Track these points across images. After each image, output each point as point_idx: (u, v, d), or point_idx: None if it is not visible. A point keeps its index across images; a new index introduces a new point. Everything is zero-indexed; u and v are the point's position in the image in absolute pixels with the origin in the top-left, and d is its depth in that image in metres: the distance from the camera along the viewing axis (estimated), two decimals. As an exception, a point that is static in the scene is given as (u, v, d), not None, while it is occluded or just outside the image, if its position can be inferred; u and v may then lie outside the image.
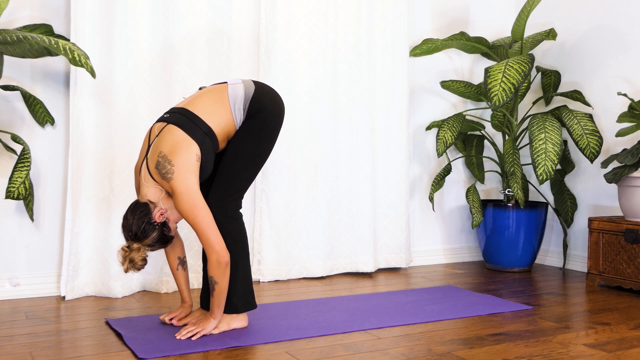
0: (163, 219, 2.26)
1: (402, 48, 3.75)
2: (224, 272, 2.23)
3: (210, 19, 3.22)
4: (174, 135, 2.24)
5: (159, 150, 2.24)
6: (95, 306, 2.82)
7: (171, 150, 2.22)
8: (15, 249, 2.98)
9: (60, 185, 3.07)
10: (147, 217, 2.23)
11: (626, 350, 2.20)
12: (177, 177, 2.19)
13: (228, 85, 2.38)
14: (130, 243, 2.24)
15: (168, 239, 2.30)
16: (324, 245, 3.53)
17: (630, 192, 3.19)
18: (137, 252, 2.23)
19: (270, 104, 2.38)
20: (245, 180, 2.38)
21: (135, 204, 2.27)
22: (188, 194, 2.19)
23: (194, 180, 2.22)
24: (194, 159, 2.23)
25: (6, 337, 2.31)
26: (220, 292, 2.26)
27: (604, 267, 3.29)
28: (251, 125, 2.35)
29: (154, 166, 2.24)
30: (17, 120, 2.97)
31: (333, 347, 2.22)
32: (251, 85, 2.38)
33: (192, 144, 2.23)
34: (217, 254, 2.21)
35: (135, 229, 2.22)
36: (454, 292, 3.12)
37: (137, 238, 2.23)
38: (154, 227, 2.24)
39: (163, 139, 2.25)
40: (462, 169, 4.16)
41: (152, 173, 2.25)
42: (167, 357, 2.08)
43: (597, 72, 3.73)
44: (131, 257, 2.22)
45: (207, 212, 2.21)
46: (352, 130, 3.61)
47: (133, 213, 2.23)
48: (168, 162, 2.21)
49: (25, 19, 2.96)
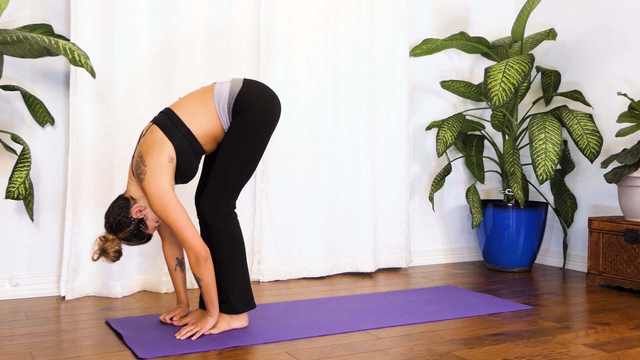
0: (140, 215, 2.30)
1: (402, 48, 3.75)
2: (204, 267, 2.25)
3: (210, 18, 3.22)
4: (153, 135, 2.29)
5: (139, 150, 2.31)
6: (95, 306, 2.82)
7: (146, 150, 2.27)
8: (15, 249, 2.98)
9: (60, 185, 3.07)
10: (125, 211, 2.28)
11: (626, 350, 2.20)
12: (147, 178, 2.24)
13: (215, 85, 2.37)
14: (107, 234, 2.31)
15: (144, 235, 2.34)
16: (324, 245, 3.53)
17: (630, 192, 3.19)
18: (112, 244, 2.29)
19: (259, 101, 2.32)
20: (237, 180, 2.34)
21: (117, 198, 2.34)
22: (158, 194, 2.23)
23: (164, 181, 2.24)
24: (165, 159, 2.26)
25: (6, 337, 2.31)
26: (207, 287, 2.28)
27: (604, 267, 3.29)
28: (239, 125, 2.32)
29: (134, 165, 2.30)
30: (17, 120, 2.97)
31: (333, 347, 2.22)
32: (238, 84, 2.35)
33: (166, 144, 2.26)
34: (193, 251, 2.24)
35: (112, 221, 2.29)
36: (454, 292, 3.12)
37: (113, 230, 2.30)
38: (129, 222, 2.29)
39: (145, 139, 2.32)
40: (462, 169, 4.16)
41: (133, 172, 2.32)
42: (167, 357, 2.08)
43: (597, 72, 3.73)
44: (104, 247, 2.29)
45: (179, 210, 2.24)
46: (352, 130, 3.61)
47: (113, 206, 2.31)
48: (142, 162, 2.26)
49: (25, 19, 2.96)
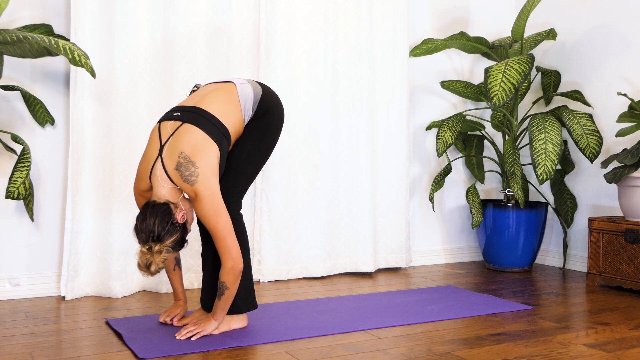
0: (184, 220, 2.18)
1: (402, 48, 3.74)
2: (237, 278, 2.21)
3: (210, 18, 3.22)
4: (193, 134, 2.15)
5: (179, 151, 2.13)
6: (95, 306, 2.82)
7: (193, 151, 2.12)
8: (15, 249, 2.98)
9: (60, 185, 3.07)
10: (170, 217, 2.12)
11: (626, 350, 2.20)
12: (201, 181, 2.11)
13: (236, 85, 2.33)
14: (151, 244, 2.10)
15: (185, 241, 2.22)
16: (324, 245, 3.53)
17: (630, 192, 3.19)
18: (159, 255, 2.10)
19: (275, 107, 2.38)
20: (247, 180, 2.37)
21: (154, 205, 2.13)
22: (212, 199, 2.13)
23: (216, 184, 2.14)
24: (215, 160, 2.15)
25: (6, 337, 2.31)
26: (229, 297, 2.24)
27: (604, 267, 3.29)
28: (256, 126, 2.34)
29: (174, 167, 2.13)
30: (17, 120, 2.97)
31: (333, 347, 2.22)
32: (258, 87, 2.37)
33: (212, 144, 2.16)
34: (233, 261, 2.17)
35: (160, 230, 2.08)
36: (454, 292, 3.12)
37: (159, 239, 2.09)
38: (176, 228, 2.13)
39: (181, 139, 2.15)
40: (462, 169, 4.16)
41: (171, 174, 2.15)
42: (167, 357, 2.08)
43: (597, 72, 3.73)
44: (153, 260, 2.10)
45: (228, 217, 2.16)
46: (352, 130, 3.61)
47: (154, 214, 2.10)
48: (191, 163, 2.12)
49: (25, 19, 2.96)
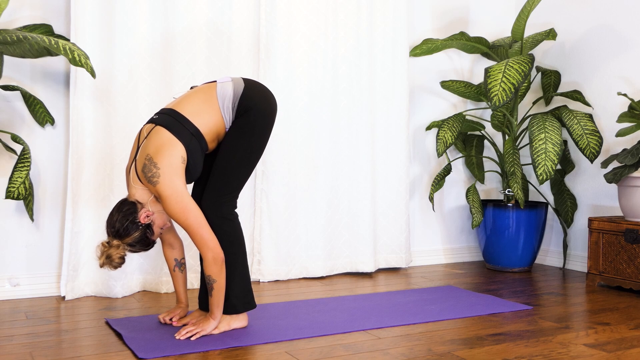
0: (148, 220, 2.25)
1: (402, 48, 3.75)
2: (221, 269, 2.23)
3: (210, 19, 3.22)
4: (160, 136, 2.23)
5: (146, 153, 2.23)
6: (95, 306, 2.82)
7: (156, 152, 2.21)
8: (15, 249, 2.98)
9: (60, 185, 3.07)
10: (132, 216, 2.22)
11: (626, 350, 2.20)
12: (162, 181, 2.18)
13: (217, 84, 2.36)
14: (110, 239, 2.23)
15: (150, 242, 2.29)
16: (324, 245, 3.53)
17: (630, 192, 3.19)
18: (116, 250, 2.21)
19: (260, 102, 2.35)
20: (239, 179, 2.36)
21: (122, 202, 2.26)
22: (175, 197, 2.18)
23: (179, 183, 2.20)
24: (179, 160, 2.21)
25: (6, 337, 2.31)
26: (219, 290, 2.25)
27: (604, 267, 3.29)
28: (242, 124, 2.33)
29: (141, 169, 2.23)
30: (17, 120, 2.97)
31: (333, 347, 2.22)
32: (240, 84, 2.36)
33: (177, 145, 2.22)
34: (212, 251, 2.21)
35: (118, 226, 2.21)
36: (454, 292, 3.12)
37: (118, 235, 2.22)
38: (137, 227, 2.22)
39: (150, 141, 2.24)
40: (462, 169, 4.16)
41: (140, 175, 2.25)
42: (167, 357, 2.08)
43: (597, 72, 3.73)
44: (109, 253, 2.21)
45: (197, 211, 2.21)
46: (352, 130, 3.61)
47: (119, 210, 2.23)
48: (154, 164, 2.19)
49: (25, 19, 2.96)
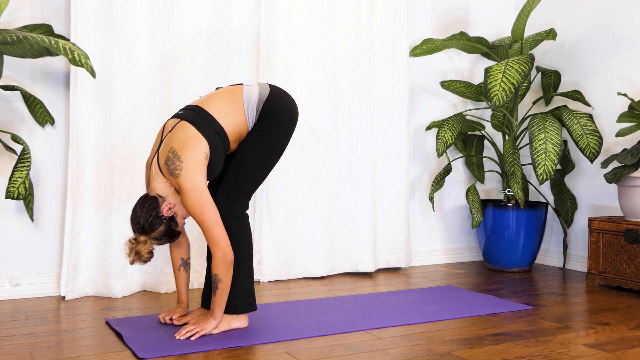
0: (171, 213, 2.28)
1: (402, 48, 3.75)
2: (228, 269, 2.24)
3: (210, 19, 3.22)
4: (185, 131, 2.26)
5: (170, 146, 2.26)
6: (95, 306, 2.82)
7: (180, 146, 2.24)
8: (15, 249, 2.98)
9: (60, 185, 3.07)
10: (155, 210, 2.25)
11: (626, 350, 2.20)
12: (184, 174, 2.21)
13: (244, 86, 2.40)
14: (137, 235, 2.26)
15: (175, 233, 2.32)
16: (324, 245, 3.53)
17: (630, 192, 3.19)
18: (144, 245, 2.25)
19: (283, 108, 2.39)
20: (254, 181, 2.39)
21: (144, 197, 2.29)
22: (195, 191, 2.21)
23: (201, 178, 2.23)
24: (202, 156, 2.24)
25: (6, 337, 2.31)
26: (223, 290, 2.26)
27: (604, 267, 3.29)
28: (263, 127, 2.37)
29: (164, 161, 2.26)
30: (17, 120, 2.97)
31: (333, 347, 2.22)
32: (266, 88, 2.41)
33: (201, 141, 2.25)
34: (222, 251, 2.22)
35: (143, 222, 2.24)
36: (454, 292, 3.12)
37: (144, 231, 2.25)
38: (161, 221, 2.26)
39: (175, 135, 2.27)
40: (462, 169, 4.16)
41: (162, 168, 2.28)
42: (167, 357, 2.08)
43: (597, 72, 3.73)
44: (137, 250, 2.24)
45: (213, 209, 2.23)
46: (352, 130, 3.61)
47: (142, 206, 2.26)
48: (177, 157, 2.22)
49: (25, 19, 2.96)
